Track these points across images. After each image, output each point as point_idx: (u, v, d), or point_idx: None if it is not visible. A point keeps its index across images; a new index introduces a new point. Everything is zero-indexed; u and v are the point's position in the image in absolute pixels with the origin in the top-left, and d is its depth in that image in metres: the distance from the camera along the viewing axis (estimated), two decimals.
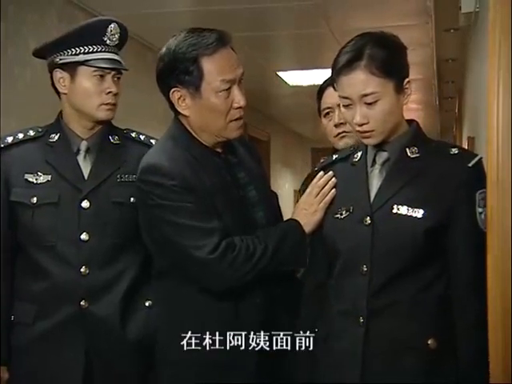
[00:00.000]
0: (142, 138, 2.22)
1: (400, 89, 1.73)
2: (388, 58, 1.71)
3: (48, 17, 3.56)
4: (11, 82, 3.19)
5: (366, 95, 1.70)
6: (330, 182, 1.87)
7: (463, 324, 1.67)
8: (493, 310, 1.31)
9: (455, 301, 1.69)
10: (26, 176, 2.05)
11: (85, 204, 2.05)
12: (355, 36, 1.77)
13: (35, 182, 2.05)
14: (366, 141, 1.77)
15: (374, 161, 1.81)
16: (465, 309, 1.67)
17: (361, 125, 1.72)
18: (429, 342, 1.67)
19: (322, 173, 1.90)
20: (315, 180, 1.90)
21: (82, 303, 2.01)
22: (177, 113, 1.91)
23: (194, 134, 1.90)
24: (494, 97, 1.33)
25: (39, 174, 2.06)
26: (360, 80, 1.70)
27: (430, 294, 1.70)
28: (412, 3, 4.00)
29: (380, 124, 1.73)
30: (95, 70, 2.06)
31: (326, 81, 2.38)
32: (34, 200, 2.03)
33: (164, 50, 1.87)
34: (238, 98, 1.85)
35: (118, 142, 2.17)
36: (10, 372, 2.06)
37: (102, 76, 2.07)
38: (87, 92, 2.06)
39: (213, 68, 1.82)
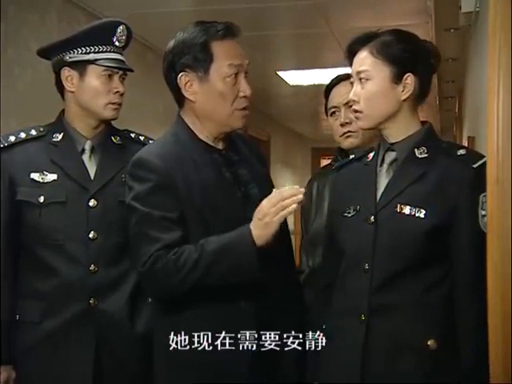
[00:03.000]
0: (141, 138, 2.27)
1: (398, 80, 1.75)
2: (393, 47, 1.76)
3: (48, 17, 3.56)
4: (11, 82, 3.18)
5: (359, 72, 1.77)
6: (295, 198, 1.69)
7: (465, 325, 1.67)
8: (493, 312, 1.31)
9: (457, 302, 1.69)
10: (32, 175, 2.08)
11: (92, 203, 2.08)
12: None
13: (42, 181, 2.08)
14: (357, 123, 1.84)
15: (383, 160, 1.83)
16: (467, 310, 1.67)
17: (352, 102, 1.80)
18: (429, 342, 1.68)
19: (296, 186, 1.74)
20: (284, 188, 1.73)
21: (91, 301, 2.04)
22: (181, 105, 1.92)
23: (195, 130, 1.90)
24: (494, 96, 1.33)
25: (45, 173, 2.08)
26: (360, 58, 1.78)
27: (432, 295, 1.70)
28: (412, 3, 4.00)
29: (367, 105, 1.77)
30: (104, 70, 2.11)
31: (332, 80, 2.39)
32: (42, 199, 2.06)
33: (172, 43, 1.90)
34: (244, 86, 1.88)
35: (119, 142, 2.21)
36: (18, 371, 2.07)
37: (110, 76, 2.12)
38: (96, 91, 2.11)
39: (221, 52, 1.85)
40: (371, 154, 1.89)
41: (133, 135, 2.27)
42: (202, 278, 1.73)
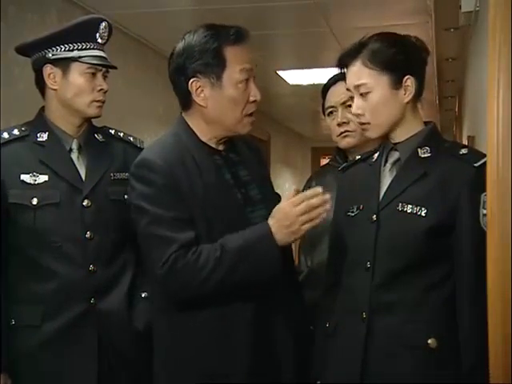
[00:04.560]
0: (121, 135, 2.27)
1: (398, 85, 1.75)
2: (385, 53, 1.75)
3: (48, 17, 3.56)
4: (11, 82, 3.18)
5: (358, 86, 1.76)
6: (322, 208, 1.69)
7: (466, 325, 1.67)
8: (493, 312, 1.31)
9: (458, 302, 1.70)
10: (23, 177, 2.04)
11: (86, 203, 2.07)
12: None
13: (33, 182, 2.05)
14: (365, 133, 1.83)
15: (386, 160, 1.83)
16: (468, 310, 1.67)
17: (357, 116, 1.79)
18: (429, 341, 1.68)
19: (319, 189, 1.72)
20: (310, 193, 1.71)
21: (92, 300, 2.05)
22: (187, 108, 1.91)
23: (198, 132, 1.90)
24: (494, 96, 1.32)
25: (36, 174, 2.05)
26: (354, 71, 1.77)
27: (433, 294, 1.71)
28: (412, 2, 4.00)
29: (374, 117, 1.76)
30: (88, 67, 2.09)
31: (329, 80, 2.39)
32: (35, 201, 2.04)
33: (181, 44, 1.87)
34: (255, 91, 1.88)
35: (103, 140, 2.21)
36: (19, 375, 2.03)
37: (93, 73, 2.10)
38: (79, 88, 2.09)
39: (234, 58, 1.85)
40: (376, 155, 1.90)
41: (112, 132, 2.27)
42: (224, 277, 1.72)
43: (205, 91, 1.85)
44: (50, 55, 2.08)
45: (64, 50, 2.08)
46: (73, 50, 2.08)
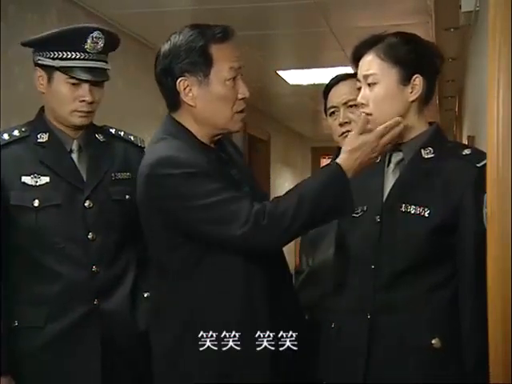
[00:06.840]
0: (121, 134, 2.25)
1: (406, 81, 1.76)
2: (399, 48, 1.76)
3: (48, 17, 3.56)
4: (11, 81, 3.18)
5: (367, 76, 1.77)
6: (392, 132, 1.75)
7: (468, 325, 1.68)
8: (493, 310, 1.31)
9: (461, 302, 1.70)
10: (24, 179, 2.03)
11: (88, 204, 2.06)
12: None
13: (35, 184, 2.03)
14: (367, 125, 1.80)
15: (390, 161, 1.84)
16: (470, 310, 1.67)
17: (361, 105, 1.79)
18: (433, 341, 1.69)
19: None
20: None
21: (95, 301, 2.04)
22: (176, 108, 1.89)
23: (190, 129, 1.88)
24: (494, 96, 1.32)
25: (37, 175, 2.04)
26: (367, 61, 1.78)
27: (437, 295, 1.71)
28: (412, 2, 4.00)
29: (376, 108, 1.77)
30: (68, 78, 2.03)
31: (331, 80, 2.39)
32: (36, 203, 2.02)
33: (167, 45, 1.86)
34: (243, 89, 1.87)
35: (104, 139, 2.18)
36: (22, 376, 2.03)
37: (76, 84, 2.04)
38: (61, 97, 2.05)
39: (221, 56, 1.84)
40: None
41: (113, 131, 2.25)
42: (308, 218, 1.72)
43: (193, 90, 1.84)
44: (37, 59, 2.06)
45: (48, 57, 2.03)
46: (55, 59, 2.02)
